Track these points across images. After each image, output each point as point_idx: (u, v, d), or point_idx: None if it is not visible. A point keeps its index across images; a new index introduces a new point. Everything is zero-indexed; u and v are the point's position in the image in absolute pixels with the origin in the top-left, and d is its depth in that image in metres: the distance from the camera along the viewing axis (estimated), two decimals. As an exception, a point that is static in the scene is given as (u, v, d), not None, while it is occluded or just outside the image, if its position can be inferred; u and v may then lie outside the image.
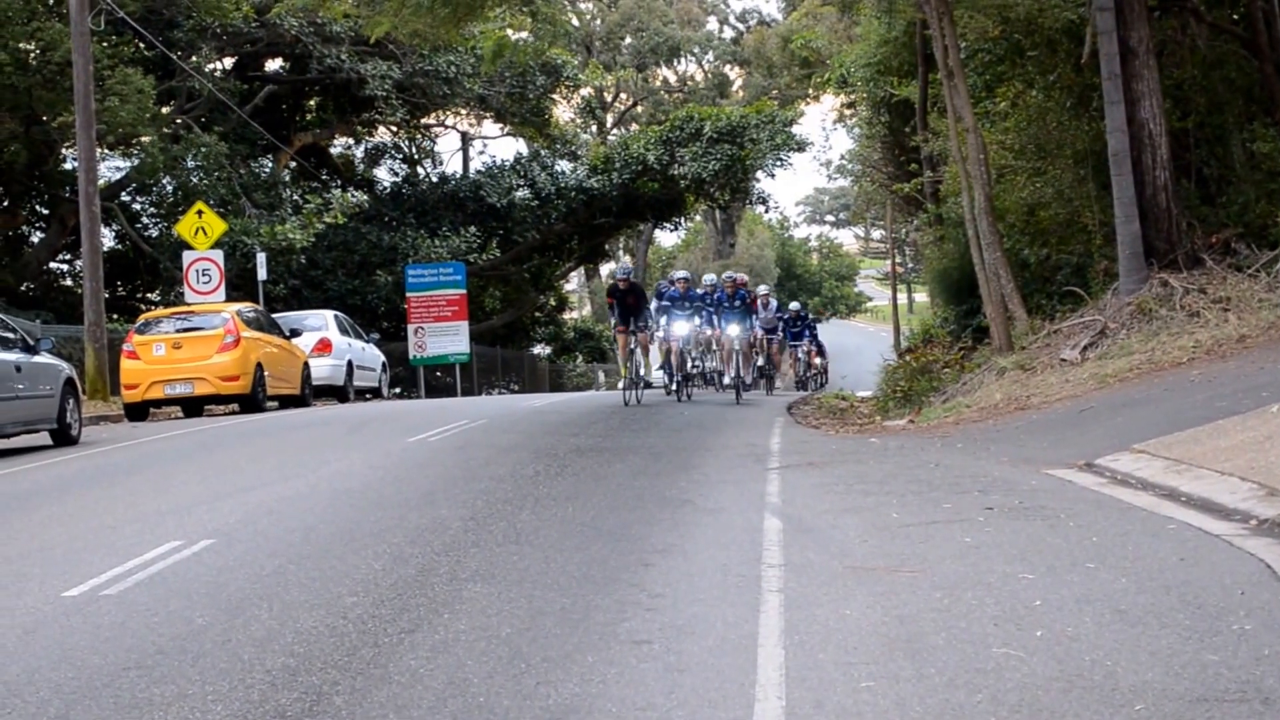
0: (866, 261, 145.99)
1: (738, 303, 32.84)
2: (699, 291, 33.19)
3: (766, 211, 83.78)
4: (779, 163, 61.79)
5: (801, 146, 62.70)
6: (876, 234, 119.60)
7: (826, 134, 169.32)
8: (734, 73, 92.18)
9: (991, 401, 22.84)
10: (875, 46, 39.44)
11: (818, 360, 50.46)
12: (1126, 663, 7.99)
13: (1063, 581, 9.93)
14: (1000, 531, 11.84)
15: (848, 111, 59.18)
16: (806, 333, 49.43)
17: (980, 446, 18.32)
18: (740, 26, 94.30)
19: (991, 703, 7.47)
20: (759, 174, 63.50)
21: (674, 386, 31.28)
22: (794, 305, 53.14)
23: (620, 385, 31.38)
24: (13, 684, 8.80)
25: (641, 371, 30.16)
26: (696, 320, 31.88)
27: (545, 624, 9.62)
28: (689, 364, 31.74)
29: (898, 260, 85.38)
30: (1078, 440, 17.23)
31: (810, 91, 66.36)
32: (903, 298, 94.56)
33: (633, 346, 29.96)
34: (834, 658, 8.46)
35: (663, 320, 31.92)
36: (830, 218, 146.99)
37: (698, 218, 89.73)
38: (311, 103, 59.61)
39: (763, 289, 44.11)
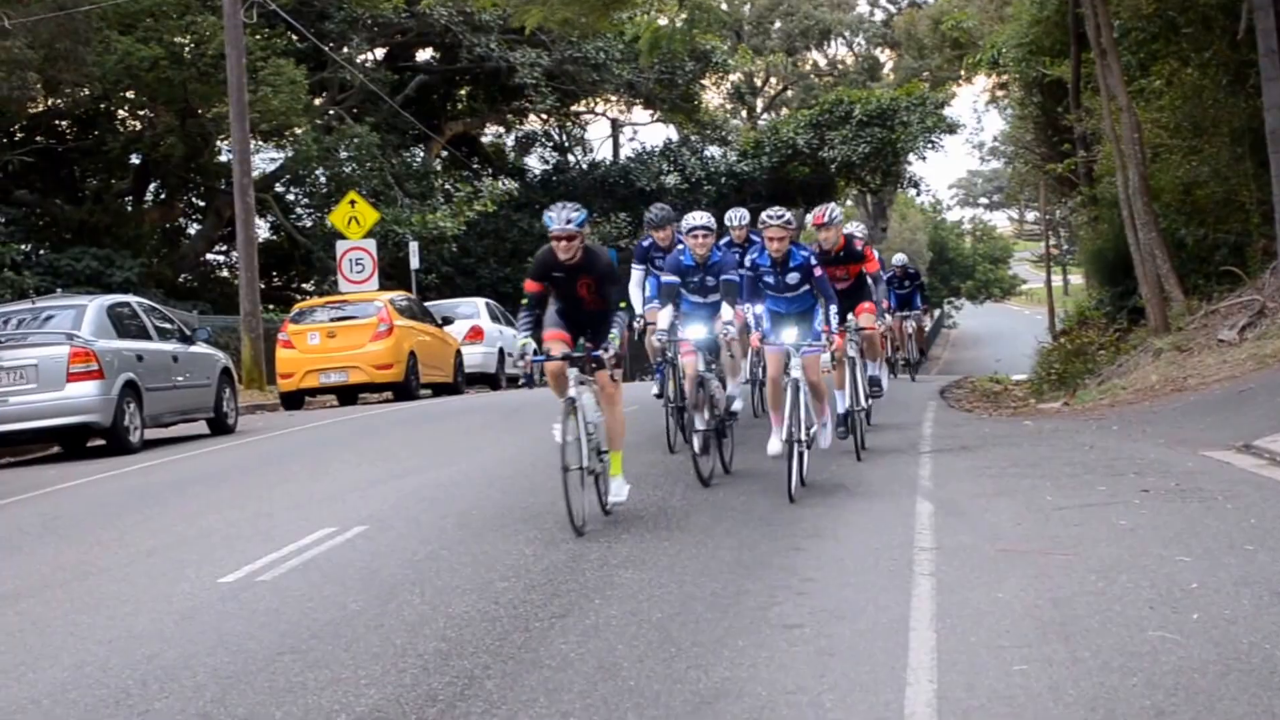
0: (1020, 244, 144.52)
1: (794, 268, 15.54)
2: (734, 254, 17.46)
3: (918, 195, 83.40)
4: (930, 145, 61.32)
5: (953, 129, 62.19)
6: (1030, 216, 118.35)
7: (978, 116, 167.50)
8: (884, 55, 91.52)
9: (1147, 383, 22.58)
10: (1027, 26, 39.00)
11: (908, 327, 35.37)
12: (1286, 646, 7.87)
13: (1220, 564, 9.79)
14: (1156, 514, 11.70)
15: (1000, 93, 58.64)
16: (917, 298, 35.87)
17: (1136, 429, 18.12)
18: (890, 8, 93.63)
19: (1147, 686, 7.38)
20: (910, 157, 63.07)
21: (679, 430, 17.61)
22: (898, 259, 36.88)
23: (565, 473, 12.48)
24: (170, 668, 8.92)
25: (590, 446, 12.95)
26: (727, 314, 15.82)
27: (696, 609, 9.62)
28: (713, 396, 15.93)
29: (1052, 242, 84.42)
30: (1236, 421, 16.98)
31: (961, 73, 65.65)
32: (1057, 280, 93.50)
33: (573, 395, 12.99)
34: (986, 641, 8.40)
35: (663, 313, 17.09)
36: (983, 200, 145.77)
37: (849, 202, 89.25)
38: (462, 92, 59.90)
39: (856, 227, 21.46)
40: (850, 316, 18.06)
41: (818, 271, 15.43)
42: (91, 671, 9.01)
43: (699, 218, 16.70)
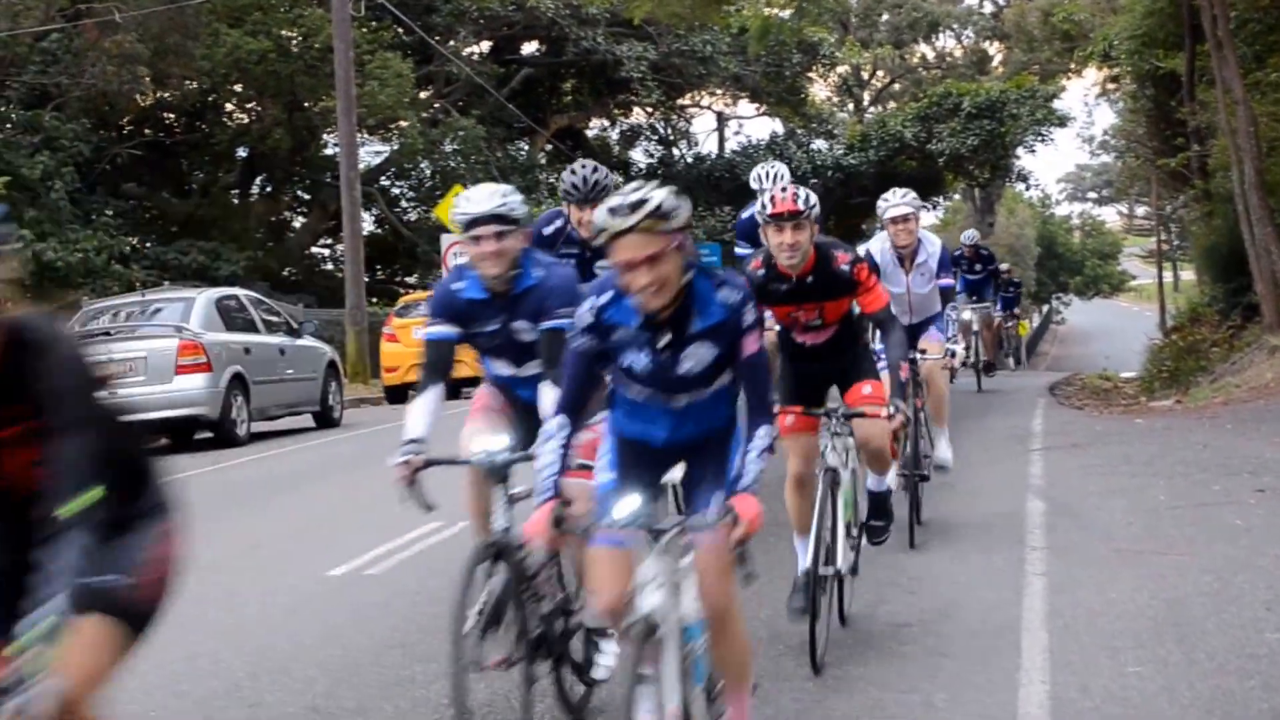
0: (1130, 239, 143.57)
1: (700, 333, 5.89)
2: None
3: (1027, 189, 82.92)
4: (1040, 139, 60.87)
5: (1063, 122, 61.64)
6: (1140, 211, 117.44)
7: (1089, 109, 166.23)
8: (993, 48, 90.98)
9: (1262, 381, 22.30)
10: (1140, 18, 38.63)
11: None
12: None
13: (1339, 565, 9.65)
14: (1272, 513, 11.54)
15: (1111, 86, 58.16)
16: (989, 288, 29.36)
17: (1250, 427, 17.88)
18: (1000, 1, 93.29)
19: (1265, 689, 7.26)
20: (1019, 150, 62.66)
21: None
22: (969, 235, 30.12)
23: None
24: (280, 661, 8.95)
25: None
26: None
27: (804, 606, 9.54)
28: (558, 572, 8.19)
29: (1163, 238, 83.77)
30: (1353, 420, 16.76)
31: (1072, 66, 65.21)
32: (1168, 276, 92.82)
33: None
34: (1099, 642, 8.30)
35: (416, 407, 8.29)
36: (1092, 195, 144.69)
37: (956, 196, 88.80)
38: (568, 85, 59.98)
39: (902, 201, 12.72)
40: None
41: (751, 346, 5.93)
42: (203, 663, 9.05)
43: (484, 196, 7.73)
